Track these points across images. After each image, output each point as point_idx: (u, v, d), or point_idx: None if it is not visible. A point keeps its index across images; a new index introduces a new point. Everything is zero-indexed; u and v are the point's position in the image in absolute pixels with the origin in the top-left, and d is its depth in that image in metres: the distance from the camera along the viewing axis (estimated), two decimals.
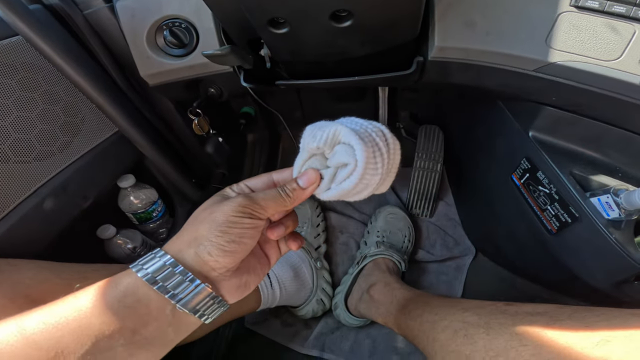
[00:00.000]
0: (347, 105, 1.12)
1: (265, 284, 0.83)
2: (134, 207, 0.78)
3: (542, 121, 0.64)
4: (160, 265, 0.36)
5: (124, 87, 0.71)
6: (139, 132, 0.70)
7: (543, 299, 0.94)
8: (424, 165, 1.04)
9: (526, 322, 0.52)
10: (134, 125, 0.69)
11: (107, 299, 0.34)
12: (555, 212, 0.65)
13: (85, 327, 0.33)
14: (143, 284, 0.35)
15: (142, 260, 0.37)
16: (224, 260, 0.38)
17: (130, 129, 0.69)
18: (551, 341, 0.47)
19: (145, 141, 0.71)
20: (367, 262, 0.93)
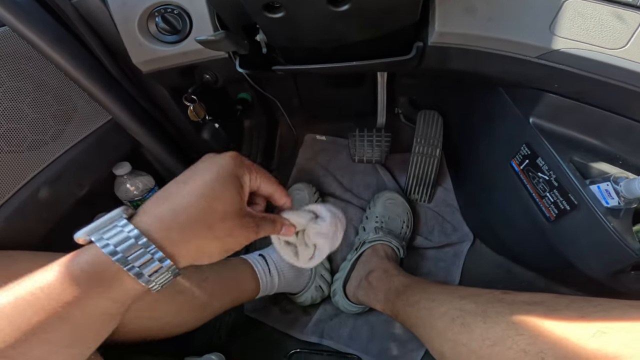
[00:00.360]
0: (345, 92, 1.11)
1: (264, 270, 0.83)
2: (131, 194, 0.77)
3: (543, 108, 0.63)
4: (124, 237, 0.34)
5: (117, 75, 0.69)
6: (134, 120, 0.69)
7: (538, 287, 0.95)
8: (422, 151, 1.03)
9: (523, 312, 0.52)
10: (127, 112, 0.68)
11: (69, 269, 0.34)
12: (554, 199, 0.65)
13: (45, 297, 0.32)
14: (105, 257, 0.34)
15: (103, 229, 0.35)
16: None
17: (124, 116, 0.68)
18: (547, 331, 0.47)
19: (140, 128, 0.70)
20: (366, 248, 0.93)
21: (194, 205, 0.37)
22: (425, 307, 0.66)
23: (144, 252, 0.34)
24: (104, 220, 0.35)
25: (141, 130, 0.70)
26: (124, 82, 0.71)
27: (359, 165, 1.17)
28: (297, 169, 1.21)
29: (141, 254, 0.34)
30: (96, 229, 0.35)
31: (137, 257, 0.34)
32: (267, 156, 1.20)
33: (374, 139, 1.02)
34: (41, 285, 0.33)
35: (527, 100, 0.65)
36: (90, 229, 0.35)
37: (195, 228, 0.37)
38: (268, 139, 1.21)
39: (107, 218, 0.35)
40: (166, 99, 0.77)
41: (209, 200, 0.38)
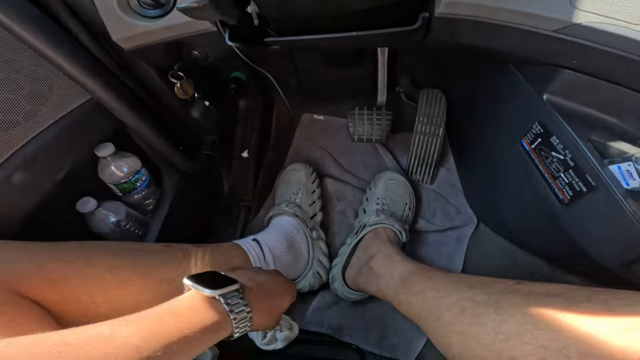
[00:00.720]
0: (345, 71, 1.06)
1: (258, 256, 0.79)
2: (116, 177, 0.72)
3: (559, 85, 0.59)
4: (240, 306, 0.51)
5: (98, 54, 0.65)
6: (116, 99, 0.64)
7: (544, 274, 0.91)
8: (425, 130, 0.98)
9: (541, 304, 0.48)
10: (109, 92, 0.63)
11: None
12: (570, 180, 0.60)
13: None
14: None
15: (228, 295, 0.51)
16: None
17: (106, 96, 0.63)
18: (570, 325, 0.43)
19: (124, 108, 0.65)
20: (367, 232, 0.89)
21: (275, 305, 0.61)
22: (431, 297, 0.62)
23: (246, 322, 0.51)
24: (229, 290, 0.51)
25: (125, 110, 0.65)
26: (106, 61, 0.66)
27: (359, 145, 1.13)
28: (293, 149, 1.16)
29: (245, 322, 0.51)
30: (222, 294, 0.49)
31: (241, 320, 0.50)
32: (263, 136, 1.15)
33: (374, 117, 0.97)
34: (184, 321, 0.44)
35: (541, 77, 0.61)
36: (219, 292, 0.49)
37: (270, 315, 0.59)
38: (264, 119, 1.16)
39: (231, 288, 0.51)
40: (153, 78, 0.72)
41: (280, 305, 0.63)
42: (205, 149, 0.89)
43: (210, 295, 0.48)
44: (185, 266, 0.65)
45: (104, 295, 0.54)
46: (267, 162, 1.17)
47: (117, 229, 0.74)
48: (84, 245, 0.57)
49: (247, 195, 1.12)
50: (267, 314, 0.58)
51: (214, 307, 0.48)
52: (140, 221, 0.81)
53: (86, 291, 0.53)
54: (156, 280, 0.60)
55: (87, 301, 0.53)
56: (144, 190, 0.79)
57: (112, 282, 0.55)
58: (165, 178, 0.84)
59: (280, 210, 0.92)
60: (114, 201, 0.74)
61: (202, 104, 0.71)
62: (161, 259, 0.62)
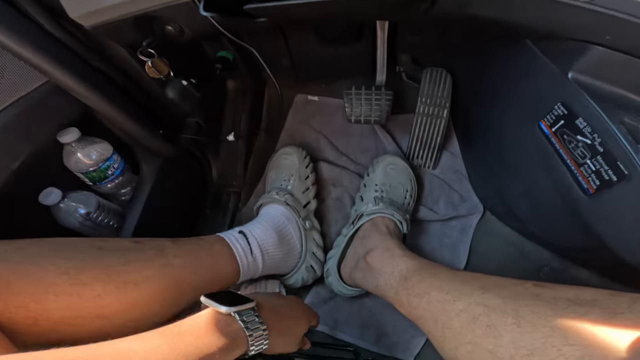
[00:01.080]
0: (340, 49, 0.98)
1: (245, 251, 0.71)
2: (83, 165, 0.65)
3: (587, 63, 0.52)
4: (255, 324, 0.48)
5: (58, 35, 0.57)
6: (78, 82, 0.57)
7: (554, 268, 0.85)
8: (428, 111, 0.90)
9: (571, 314, 0.41)
10: (70, 74, 0.56)
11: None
12: (597, 168, 0.53)
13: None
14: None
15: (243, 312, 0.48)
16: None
17: (68, 79, 0.56)
18: (608, 342, 0.36)
19: (88, 91, 0.58)
20: (364, 221, 0.82)
21: (288, 326, 0.57)
22: (438, 300, 0.55)
23: (262, 339, 0.49)
24: (245, 308, 0.49)
25: (90, 93, 0.58)
26: (69, 42, 0.59)
27: (356, 127, 1.05)
28: (286, 132, 1.08)
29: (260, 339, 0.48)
30: (237, 311, 0.47)
31: (257, 337, 0.48)
32: (253, 119, 1.07)
33: (373, 97, 0.89)
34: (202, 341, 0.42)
35: (565, 54, 0.54)
36: (235, 309, 0.47)
37: (284, 337, 0.55)
38: (254, 101, 1.07)
39: (247, 306, 0.49)
40: (124, 58, 0.65)
41: (296, 328, 0.59)
42: (188, 133, 0.81)
43: (226, 312, 0.47)
44: (158, 265, 0.57)
45: (58, 302, 0.47)
46: (258, 146, 1.10)
47: (88, 222, 0.67)
48: (36, 243, 0.49)
49: (236, 181, 1.05)
50: (282, 334, 0.55)
51: (231, 324, 0.46)
52: (115, 212, 0.74)
53: (35, 298, 0.45)
54: (121, 283, 0.52)
55: (37, 309, 0.45)
56: (117, 178, 0.72)
57: (66, 287, 0.47)
58: (142, 164, 0.77)
59: (269, 199, 0.85)
60: (83, 191, 0.67)
61: (179, 84, 0.63)
62: (127, 257, 0.55)
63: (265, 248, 0.75)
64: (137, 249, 0.57)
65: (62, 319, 0.48)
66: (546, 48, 0.58)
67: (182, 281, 0.59)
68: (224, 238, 0.71)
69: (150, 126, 0.70)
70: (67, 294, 0.47)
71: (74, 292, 0.48)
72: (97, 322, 0.51)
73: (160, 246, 0.60)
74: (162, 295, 0.56)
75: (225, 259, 0.68)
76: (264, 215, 0.83)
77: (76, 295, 0.48)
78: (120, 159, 0.72)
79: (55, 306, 0.47)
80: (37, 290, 0.45)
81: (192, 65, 0.81)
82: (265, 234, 0.77)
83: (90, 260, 0.51)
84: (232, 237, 0.72)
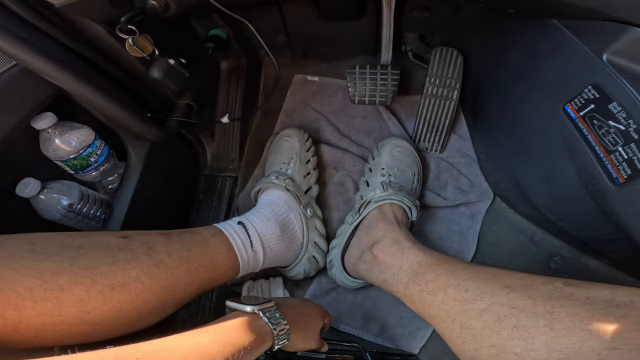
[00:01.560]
0: (342, 25, 0.91)
1: (244, 244, 0.65)
2: (62, 152, 0.59)
3: (625, 44, 0.47)
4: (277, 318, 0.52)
5: (27, 16, 0.52)
6: (51, 64, 0.51)
7: (562, 256, 0.81)
8: (436, 92, 0.85)
9: (610, 316, 0.38)
10: (40, 57, 0.50)
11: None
12: (629, 156, 0.48)
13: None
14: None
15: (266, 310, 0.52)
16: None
17: (36, 61, 0.50)
18: None
19: (61, 73, 0.52)
20: (372, 209, 0.76)
21: (307, 323, 0.59)
22: (455, 298, 0.51)
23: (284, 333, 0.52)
24: (268, 305, 0.52)
25: (63, 75, 0.52)
26: (35, 21, 0.53)
27: (359, 108, 0.99)
28: (284, 113, 1.02)
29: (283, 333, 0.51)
30: (261, 309, 0.51)
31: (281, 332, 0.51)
32: (249, 100, 1.01)
33: (378, 76, 0.82)
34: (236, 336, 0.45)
35: (600, 34, 0.49)
36: (258, 308, 0.51)
37: (304, 332, 0.58)
38: (250, 82, 1.01)
39: (268, 304, 0.53)
40: (102, 37, 0.59)
41: (313, 324, 0.60)
42: (179, 115, 0.75)
43: (251, 310, 0.50)
44: (148, 265, 0.51)
45: (36, 308, 0.42)
46: (254, 128, 1.04)
47: (72, 214, 0.62)
48: (8, 243, 0.44)
49: (232, 165, 0.99)
50: (302, 330, 0.57)
51: (257, 321, 0.49)
52: (103, 202, 0.68)
53: (10, 304, 0.40)
54: (107, 286, 0.46)
55: (14, 316, 0.41)
56: (101, 165, 0.66)
57: (44, 292, 0.42)
58: (129, 150, 0.71)
59: (268, 183, 0.79)
60: (64, 181, 0.61)
61: (165, 63, 0.57)
62: (113, 257, 0.49)
63: (267, 240, 0.70)
64: (124, 246, 0.51)
65: (44, 326, 0.43)
66: (577, 28, 0.53)
67: (175, 281, 0.54)
68: (222, 230, 0.65)
69: (135, 109, 0.64)
70: (45, 299, 0.42)
71: (52, 297, 0.43)
72: (84, 327, 0.46)
73: (150, 242, 0.54)
74: (153, 297, 0.51)
75: (223, 253, 0.62)
76: (264, 204, 0.77)
77: (55, 300, 0.43)
78: (103, 144, 0.66)
79: (34, 313, 0.42)
80: (11, 297, 0.41)
81: (181, 43, 0.74)
82: (266, 225, 0.71)
83: (68, 261, 0.45)
84: (231, 228, 0.66)
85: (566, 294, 0.43)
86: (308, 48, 1.01)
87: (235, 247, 0.64)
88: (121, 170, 0.72)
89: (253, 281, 0.83)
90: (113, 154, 0.70)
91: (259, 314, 0.50)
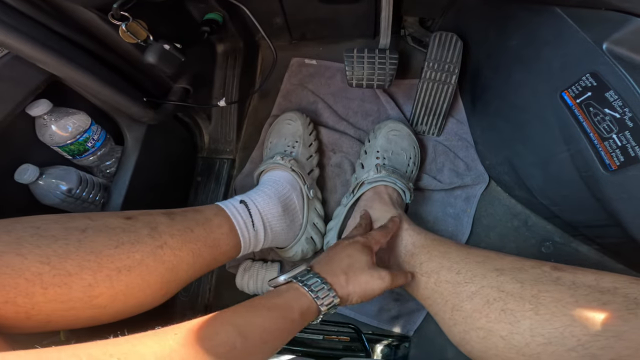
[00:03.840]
0: (341, 8, 0.89)
1: (246, 224, 0.65)
2: (58, 138, 0.59)
3: (626, 34, 0.47)
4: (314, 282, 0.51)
5: (16, 4, 0.51)
6: (43, 51, 0.51)
7: (554, 242, 0.83)
8: (435, 77, 0.84)
9: (593, 302, 0.39)
10: (31, 43, 0.50)
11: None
12: (623, 143, 0.49)
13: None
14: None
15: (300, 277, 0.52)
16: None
17: (27, 48, 0.50)
18: (630, 334, 0.35)
19: (54, 60, 0.52)
20: (365, 190, 0.77)
21: (347, 265, 0.55)
22: (448, 280, 0.52)
23: (326, 291, 0.50)
24: (299, 270, 0.53)
25: (56, 62, 0.52)
26: (24, 8, 0.52)
27: (357, 91, 0.98)
28: (281, 95, 1.01)
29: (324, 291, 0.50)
30: (294, 276, 0.51)
31: (321, 292, 0.50)
32: (246, 83, 1.00)
33: (376, 59, 0.82)
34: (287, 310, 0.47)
35: (601, 24, 0.49)
36: (291, 276, 0.51)
37: (350, 276, 0.54)
38: (246, 65, 1.00)
39: (299, 269, 0.53)
40: (94, 23, 0.58)
41: (354, 262, 0.55)
42: (175, 99, 0.75)
43: (284, 280, 0.51)
44: (152, 247, 0.52)
45: (46, 295, 0.42)
46: (251, 110, 1.03)
47: (71, 199, 0.62)
48: (13, 227, 0.44)
49: (230, 148, 1.00)
50: (345, 275, 0.54)
51: (290, 290, 0.49)
52: (101, 186, 0.69)
53: (20, 291, 0.41)
54: (113, 270, 0.47)
55: (26, 303, 0.41)
56: (99, 150, 0.66)
57: (52, 277, 0.43)
58: (126, 134, 0.71)
59: (273, 164, 0.79)
60: (62, 166, 0.62)
61: (160, 48, 0.56)
62: (118, 239, 0.49)
63: (268, 219, 0.70)
64: (127, 227, 0.51)
65: (54, 312, 0.44)
66: (579, 16, 0.53)
67: (179, 262, 0.54)
68: (224, 209, 0.65)
69: (130, 93, 0.64)
70: (54, 285, 0.43)
71: (61, 283, 0.43)
72: (92, 312, 0.47)
73: (154, 223, 0.54)
74: (158, 279, 0.52)
75: (225, 232, 0.62)
76: (267, 183, 0.77)
77: (64, 286, 0.44)
78: (100, 129, 0.66)
79: (44, 299, 0.43)
80: (21, 283, 0.41)
81: (176, 28, 0.73)
82: (268, 204, 0.71)
83: (74, 245, 0.46)
84: (233, 207, 0.66)
85: (553, 279, 0.44)
86: (306, 30, 1.00)
87: (237, 226, 0.64)
88: (118, 155, 0.73)
89: (252, 261, 0.84)
90: (110, 139, 0.70)
91: (292, 282, 0.50)
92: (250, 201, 0.69)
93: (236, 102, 0.96)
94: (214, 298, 0.88)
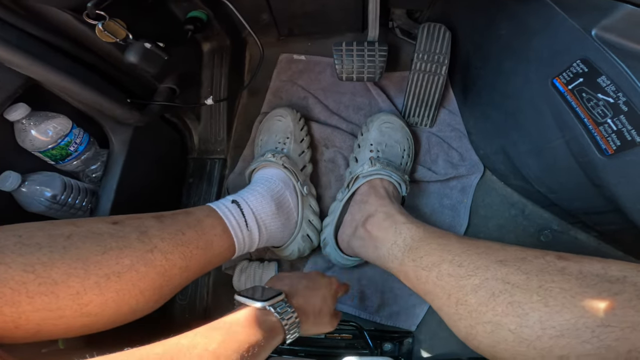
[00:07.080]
0: (328, 1, 0.88)
1: (239, 224, 0.64)
2: (39, 143, 0.57)
3: (614, 21, 0.46)
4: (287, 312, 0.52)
5: None
6: (20, 54, 0.49)
7: (553, 230, 0.82)
8: (425, 68, 0.83)
9: (603, 292, 0.38)
10: (8, 48, 0.49)
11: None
12: (618, 128, 0.48)
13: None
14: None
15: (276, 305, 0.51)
16: None
17: (4, 53, 0.49)
18: None
19: (29, 63, 0.50)
20: (360, 184, 0.75)
21: (319, 309, 0.58)
22: (450, 273, 0.51)
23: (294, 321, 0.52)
24: (277, 300, 0.52)
25: (32, 65, 0.50)
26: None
27: (347, 85, 0.97)
28: (271, 92, 1.00)
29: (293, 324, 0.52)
30: (272, 304, 0.50)
31: (291, 325, 0.51)
32: (234, 81, 0.98)
33: (366, 52, 0.80)
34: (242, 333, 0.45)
35: (589, 10, 0.49)
36: (269, 303, 0.50)
37: (317, 319, 0.57)
38: (234, 62, 0.98)
39: (276, 299, 0.52)
40: (69, 24, 0.56)
41: (324, 307, 0.59)
42: (160, 99, 0.73)
43: (262, 307, 0.50)
44: (142, 252, 0.50)
45: (33, 304, 0.41)
46: (241, 108, 1.02)
47: (57, 205, 0.61)
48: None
49: (220, 147, 0.98)
50: (314, 316, 0.57)
51: (267, 316, 0.49)
52: (88, 191, 0.67)
53: (6, 301, 0.39)
54: (101, 276, 0.45)
55: (13, 312, 0.40)
56: (82, 154, 0.64)
57: (38, 286, 0.41)
58: (111, 137, 0.69)
59: (264, 161, 0.77)
60: (46, 172, 0.60)
61: (141, 47, 0.55)
62: (105, 245, 0.47)
63: (262, 219, 0.68)
64: (115, 232, 0.50)
65: (44, 320, 0.42)
66: (566, 4, 0.52)
67: (171, 267, 0.53)
68: (215, 210, 0.63)
69: (113, 94, 0.62)
70: (40, 293, 0.41)
71: (47, 291, 0.42)
72: (83, 320, 0.45)
73: (142, 227, 0.52)
74: (150, 284, 0.50)
75: (218, 234, 0.61)
76: (258, 181, 0.76)
77: (51, 294, 0.42)
78: (82, 132, 0.64)
79: (31, 308, 0.41)
80: (5, 293, 0.40)
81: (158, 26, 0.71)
82: (261, 202, 0.70)
83: (59, 252, 0.44)
84: (225, 207, 0.64)
85: (559, 268, 0.43)
86: (293, 26, 0.98)
87: (230, 227, 0.62)
88: (104, 158, 0.71)
89: (248, 261, 0.83)
90: (94, 142, 0.69)
91: (270, 310, 0.50)
92: (242, 200, 0.68)
93: (224, 100, 0.94)
94: (212, 300, 0.87)
